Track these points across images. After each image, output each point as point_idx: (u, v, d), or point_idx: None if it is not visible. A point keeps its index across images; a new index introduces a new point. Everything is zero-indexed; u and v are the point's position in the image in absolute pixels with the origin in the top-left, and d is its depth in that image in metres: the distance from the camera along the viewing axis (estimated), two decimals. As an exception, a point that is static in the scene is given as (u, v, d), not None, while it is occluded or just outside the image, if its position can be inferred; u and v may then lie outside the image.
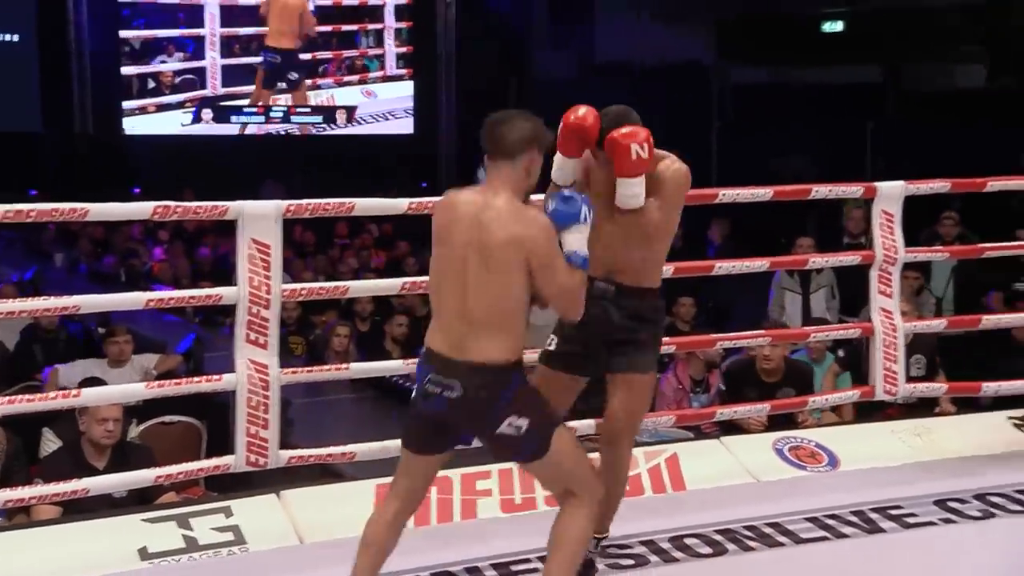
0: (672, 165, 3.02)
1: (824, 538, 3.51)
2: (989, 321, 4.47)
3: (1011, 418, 4.53)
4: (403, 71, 13.81)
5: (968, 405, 4.98)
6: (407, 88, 13.86)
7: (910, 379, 4.37)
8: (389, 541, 2.81)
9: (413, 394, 2.77)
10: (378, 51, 13.75)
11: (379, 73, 13.77)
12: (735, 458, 4.15)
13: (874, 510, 3.69)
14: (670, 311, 6.87)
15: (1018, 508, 3.70)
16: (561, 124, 2.94)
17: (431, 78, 14.06)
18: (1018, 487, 3.85)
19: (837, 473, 4.11)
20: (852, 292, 6.21)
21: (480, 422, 2.68)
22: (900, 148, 12.75)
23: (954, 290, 7.26)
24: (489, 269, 2.62)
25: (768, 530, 3.47)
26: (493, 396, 2.64)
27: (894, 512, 3.68)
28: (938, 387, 4.41)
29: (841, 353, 5.54)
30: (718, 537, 3.51)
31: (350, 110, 13.68)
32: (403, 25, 13.80)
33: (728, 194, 4.08)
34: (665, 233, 3.05)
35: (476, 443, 2.84)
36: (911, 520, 3.62)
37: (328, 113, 13.65)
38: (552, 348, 3.12)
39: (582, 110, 2.95)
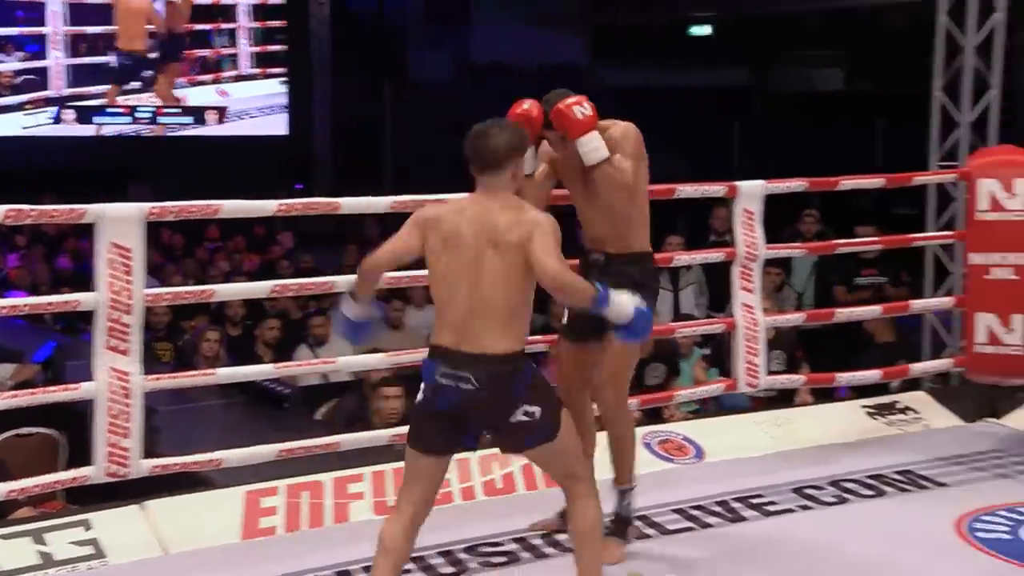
0: (617, 123, 3.23)
1: (689, 529, 3.61)
2: (842, 314, 4.67)
3: (864, 407, 4.76)
4: (256, 70, 13.52)
5: (827, 396, 5.21)
6: (264, 87, 13.57)
7: (771, 372, 4.53)
8: (406, 548, 2.85)
9: (420, 395, 2.80)
10: (232, 51, 13.47)
11: (232, 72, 13.46)
12: (604, 453, 4.23)
13: (737, 500, 3.81)
14: (546, 311, 6.98)
15: (869, 493, 3.87)
16: (506, 119, 3.05)
17: (306, 78, 13.87)
18: (869, 472, 4.03)
19: (703, 465, 4.23)
20: (721, 289, 6.43)
21: (495, 412, 2.74)
22: (766, 148, 13.19)
23: (814, 286, 7.56)
24: (505, 264, 2.72)
25: (636, 523, 3.54)
26: (508, 386, 2.73)
27: (756, 501, 3.81)
28: (796, 379, 4.59)
29: (708, 351, 5.71)
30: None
31: (221, 110, 13.38)
32: (258, 25, 13.51)
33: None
34: (639, 188, 3.24)
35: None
36: (771, 508, 3.75)
37: (198, 113, 13.32)
38: (564, 322, 3.35)
39: (527, 104, 3.13)
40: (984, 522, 3.52)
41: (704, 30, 14.13)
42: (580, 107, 3.10)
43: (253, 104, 13.50)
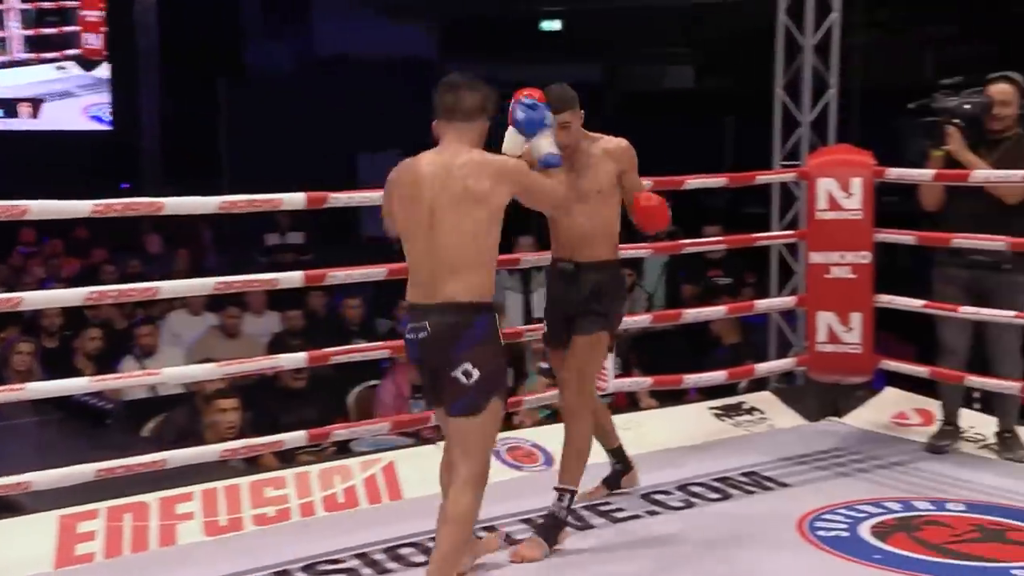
0: (619, 140, 3.65)
1: (536, 539, 3.64)
2: (689, 315, 4.81)
3: (712, 408, 4.91)
4: (31, 55, 12.70)
5: (675, 398, 5.35)
6: (37, 74, 12.78)
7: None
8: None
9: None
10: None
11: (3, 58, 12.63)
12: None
13: (585, 507, 3.88)
14: (392, 315, 6.95)
15: (716, 496, 3.99)
16: (512, 101, 3.24)
17: (131, 71, 13.34)
18: (716, 475, 4.17)
19: (552, 472, 4.25)
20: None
21: (440, 359, 2.89)
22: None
23: (665, 286, 7.77)
24: (466, 216, 2.86)
25: (483, 534, 3.55)
26: (456, 334, 2.86)
27: (604, 508, 3.88)
28: (644, 381, 4.69)
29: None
30: (432, 544, 3.56)
31: (35, 103, 12.72)
32: (30, 6, 12.73)
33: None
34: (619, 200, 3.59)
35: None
36: (619, 515, 3.82)
37: (8, 106, 12.63)
38: (545, 330, 3.68)
39: (535, 92, 3.30)
40: (825, 520, 3.68)
41: (555, 25, 14.31)
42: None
43: (23, 92, 12.74)
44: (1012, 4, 13.04)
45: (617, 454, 4.02)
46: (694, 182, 4.60)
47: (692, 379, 4.66)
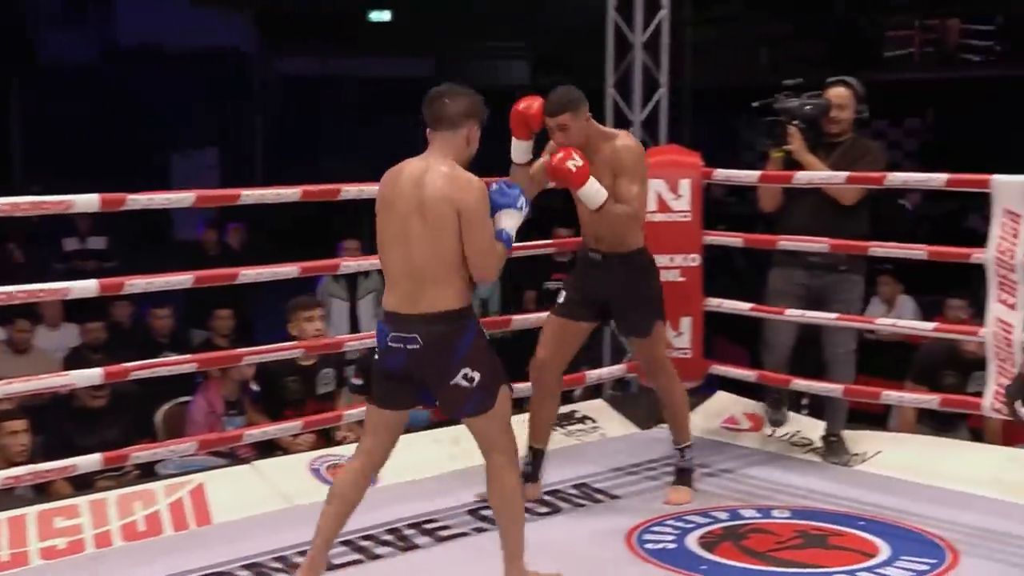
0: (624, 142, 3.86)
1: (357, 561, 3.60)
2: (518, 321, 4.85)
3: (549, 418, 4.96)
4: None
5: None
6: None
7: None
8: (354, 494, 3.26)
9: (376, 357, 3.18)
10: None
11: None
12: (268, 483, 4.15)
13: (409, 526, 3.86)
14: (207, 325, 6.75)
15: (546, 510, 4.03)
16: (511, 111, 3.65)
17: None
18: (547, 488, 4.20)
19: (375, 490, 4.19)
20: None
21: (437, 370, 3.08)
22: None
23: (500, 292, 7.81)
24: (428, 225, 3.05)
25: (299, 559, 3.49)
26: (450, 344, 3.06)
27: (429, 526, 3.87)
28: (471, 392, 4.70)
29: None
30: (244, 573, 3.49)
31: None
32: None
33: (251, 195, 4.08)
34: (641, 204, 3.89)
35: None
36: (445, 533, 3.82)
37: None
38: (561, 300, 4.07)
39: (534, 102, 3.70)
40: (653, 533, 3.77)
41: (384, 15, 14.23)
42: (571, 160, 3.65)
43: None
44: (842, 4, 13.75)
45: (538, 457, 4.19)
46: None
47: (523, 388, 4.68)
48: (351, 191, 4.25)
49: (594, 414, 5.09)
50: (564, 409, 5.06)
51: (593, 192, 3.74)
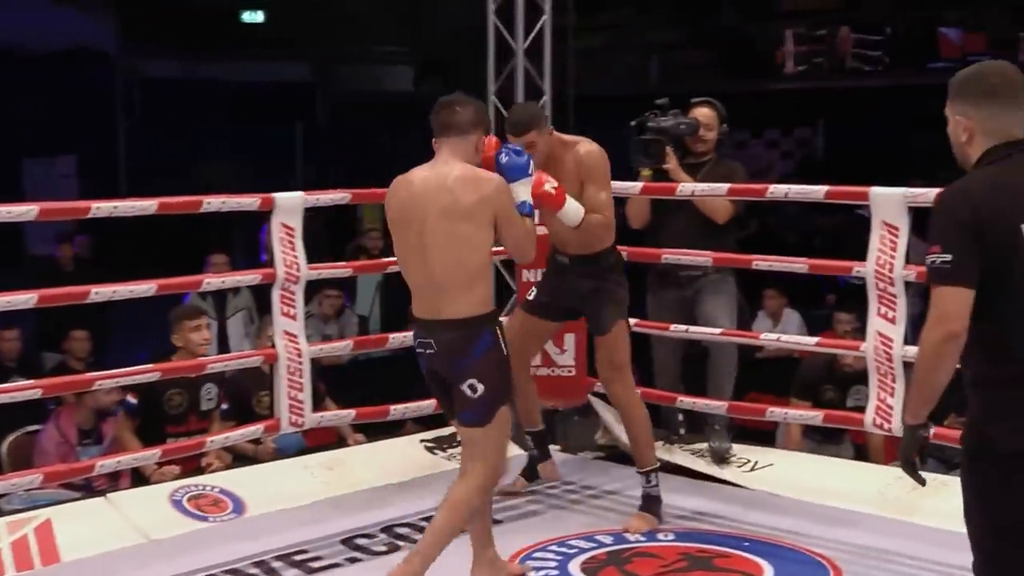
0: (587, 148, 4.01)
1: (220, 598, 3.56)
2: (396, 340, 4.83)
3: (424, 441, 4.96)
4: None
5: (389, 431, 5.37)
6: None
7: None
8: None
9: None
10: None
11: None
12: (124, 517, 4.07)
13: (278, 558, 3.82)
14: (62, 347, 6.58)
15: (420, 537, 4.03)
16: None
17: None
18: (424, 514, 4.19)
19: (243, 520, 4.19)
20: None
21: (451, 374, 3.32)
22: (331, 153, 13.43)
23: (381, 308, 7.80)
24: (456, 231, 3.24)
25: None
26: (461, 350, 3.28)
27: (299, 557, 3.83)
28: (346, 414, 4.68)
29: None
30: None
31: None
32: None
33: (103, 207, 3.99)
34: (610, 208, 4.03)
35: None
36: (316, 564, 3.79)
37: None
38: (531, 298, 4.25)
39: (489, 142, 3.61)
40: (536, 560, 3.79)
41: (257, 16, 14.07)
42: (548, 184, 3.76)
43: None
44: (733, 13, 14.10)
45: (537, 439, 4.36)
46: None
47: (399, 409, 4.69)
48: (213, 203, 4.19)
49: (477, 436, 5.09)
50: (446, 431, 5.07)
51: (572, 211, 3.88)
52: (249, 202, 4.31)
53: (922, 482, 2.53)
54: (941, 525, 3.82)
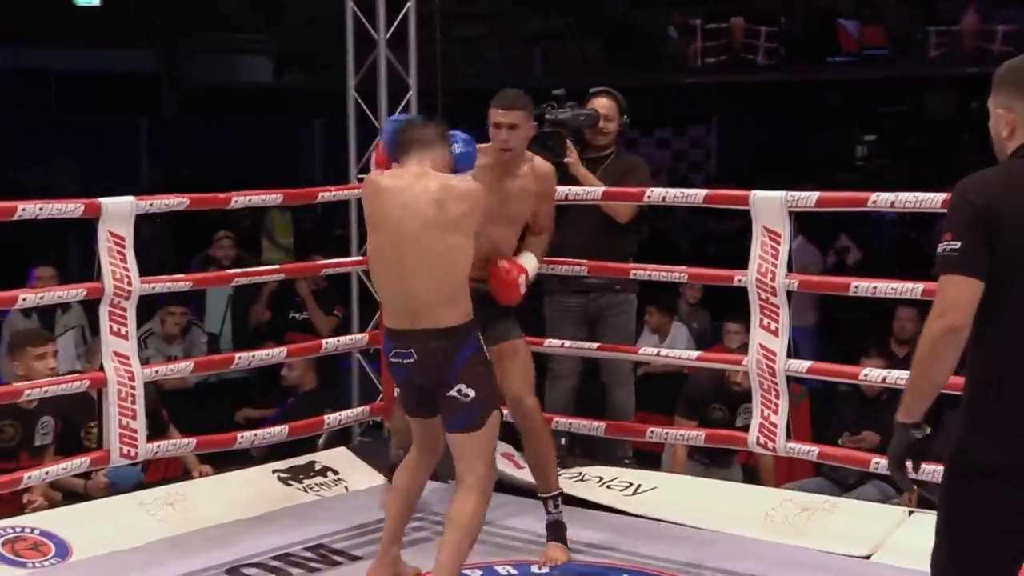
0: (545, 164, 4.14)
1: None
2: (244, 359, 4.76)
3: (277, 471, 4.90)
4: None
5: (241, 461, 5.30)
6: None
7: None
8: (414, 484, 3.83)
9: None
10: None
11: None
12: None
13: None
14: None
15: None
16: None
17: None
18: (275, 552, 4.16)
19: (67, 566, 4.09)
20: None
21: (435, 380, 3.55)
22: (180, 150, 13.18)
23: (232, 325, 7.67)
24: (443, 242, 3.50)
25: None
26: (448, 358, 3.52)
27: (131, 605, 3.76)
28: (185, 443, 4.59)
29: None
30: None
31: None
32: None
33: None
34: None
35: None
36: (149, 612, 3.72)
37: None
38: None
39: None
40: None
41: (92, 0, 13.77)
42: (521, 276, 3.98)
43: None
44: (622, 3, 14.30)
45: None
46: (242, 199, 4.57)
47: (247, 437, 4.62)
48: (30, 209, 4.07)
49: (337, 464, 5.06)
50: (301, 460, 5.03)
51: (533, 271, 4.08)
52: (72, 208, 4.20)
53: (911, 488, 2.56)
54: (827, 548, 3.92)
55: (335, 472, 5.02)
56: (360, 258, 5.43)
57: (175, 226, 10.28)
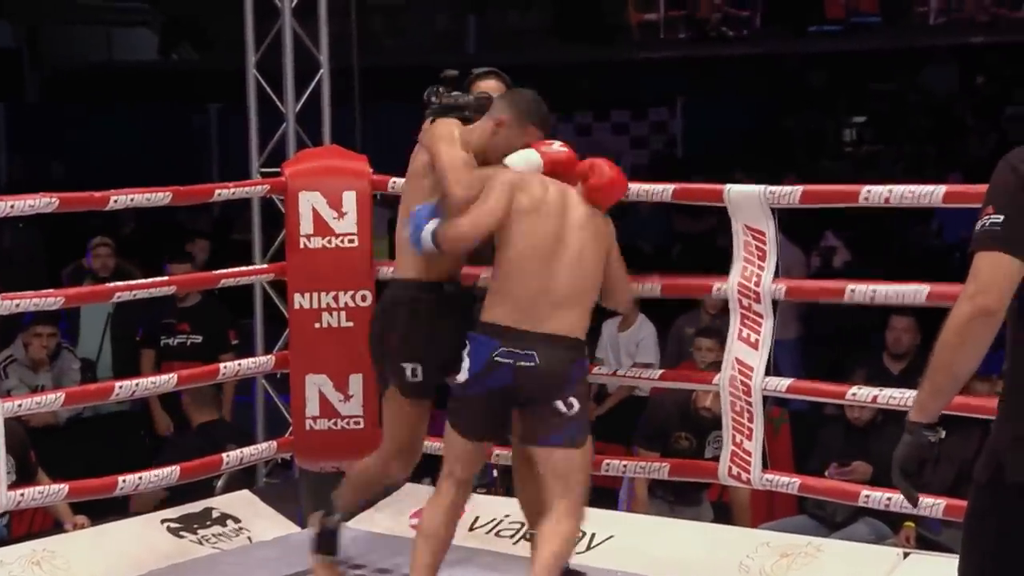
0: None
1: None
2: (126, 389, 4.74)
3: (166, 520, 4.90)
4: None
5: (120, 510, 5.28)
6: None
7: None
8: (449, 530, 3.98)
9: (463, 377, 3.87)
10: None
11: None
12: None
13: None
14: None
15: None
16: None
17: None
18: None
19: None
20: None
21: (544, 390, 3.80)
22: (45, 139, 13.08)
23: (113, 349, 7.64)
24: (596, 248, 3.90)
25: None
26: (567, 369, 3.81)
27: None
28: (56, 490, 4.52)
29: None
30: None
31: None
32: None
33: None
34: None
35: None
36: None
37: None
38: (420, 378, 4.16)
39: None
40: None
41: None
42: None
43: None
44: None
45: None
46: (122, 199, 4.57)
47: (130, 481, 4.61)
48: None
49: (237, 511, 5.07)
50: (196, 507, 5.03)
51: None
52: None
53: (915, 501, 2.58)
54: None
55: (236, 520, 5.03)
56: (265, 266, 5.44)
57: (45, 232, 10.21)
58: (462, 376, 3.87)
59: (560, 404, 3.80)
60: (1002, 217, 2.40)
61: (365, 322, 4.83)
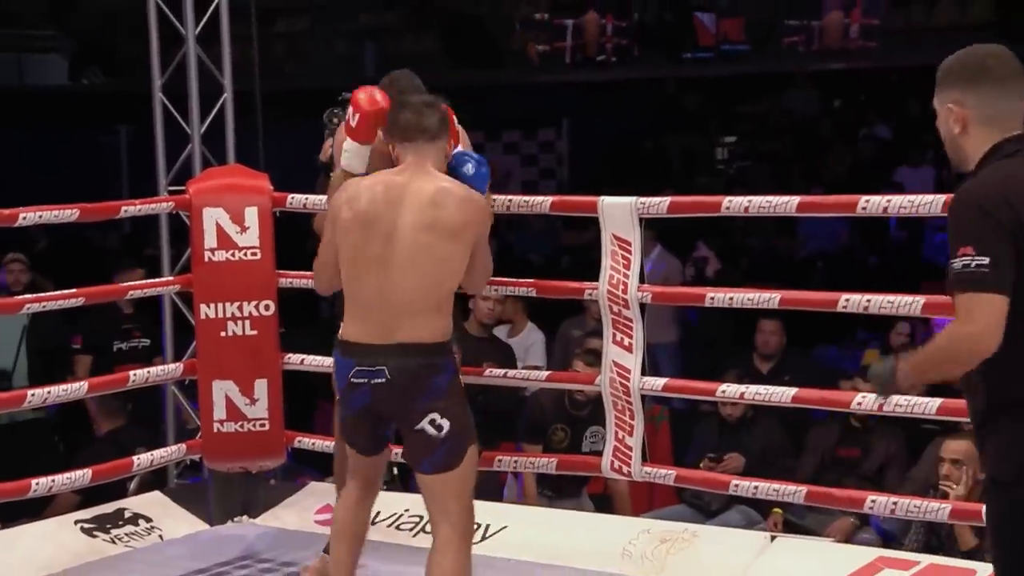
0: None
1: None
2: (38, 396, 4.67)
3: (80, 521, 4.85)
4: None
5: (35, 512, 5.19)
6: None
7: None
8: (360, 525, 3.71)
9: (338, 394, 3.61)
10: None
11: None
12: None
13: None
14: None
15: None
16: (359, 110, 3.78)
17: None
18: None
19: None
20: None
21: (402, 411, 3.47)
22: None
23: (28, 360, 7.52)
24: (438, 249, 3.47)
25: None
26: (421, 382, 3.44)
27: None
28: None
29: None
30: None
31: None
32: None
33: None
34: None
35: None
36: None
37: None
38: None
39: (377, 94, 3.80)
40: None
41: None
42: None
43: None
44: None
45: None
46: (31, 216, 4.51)
47: (43, 483, 4.54)
48: None
49: (150, 511, 5.03)
50: (109, 508, 4.98)
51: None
52: None
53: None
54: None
55: (147, 519, 4.99)
56: (171, 278, 5.40)
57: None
58: (337, 395, 3.65)
59: (428, 427, 3.44)
60: (987, 259, 2.40)
61: (268, 330, 4.86)
